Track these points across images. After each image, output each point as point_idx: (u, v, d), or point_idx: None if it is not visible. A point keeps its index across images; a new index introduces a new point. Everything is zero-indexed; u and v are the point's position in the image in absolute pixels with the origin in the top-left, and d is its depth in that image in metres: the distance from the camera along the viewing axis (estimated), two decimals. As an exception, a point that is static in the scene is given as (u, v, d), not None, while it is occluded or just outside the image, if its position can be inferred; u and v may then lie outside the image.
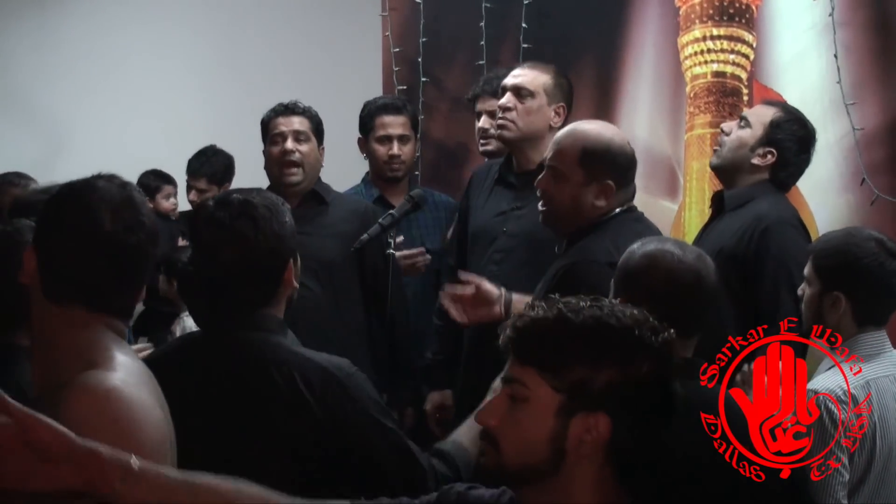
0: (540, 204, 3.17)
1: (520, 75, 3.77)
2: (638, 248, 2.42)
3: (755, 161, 3.43)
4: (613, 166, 3.04)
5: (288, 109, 3.94)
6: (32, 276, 1.93)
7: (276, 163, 3.90)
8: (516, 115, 3.71)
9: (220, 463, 2.23)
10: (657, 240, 2.46)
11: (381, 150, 4.22)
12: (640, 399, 1.72)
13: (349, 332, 3.74)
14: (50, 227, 1.96)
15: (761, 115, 3.47)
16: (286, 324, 2.42)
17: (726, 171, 3.50)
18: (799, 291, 2.86)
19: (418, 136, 4.42)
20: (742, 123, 3.48)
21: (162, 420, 1.84)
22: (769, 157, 3.42)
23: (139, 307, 5.41)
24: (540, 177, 3.15)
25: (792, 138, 3.43)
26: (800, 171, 3.52)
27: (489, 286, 3.25)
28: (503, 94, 3.77)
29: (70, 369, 1.81)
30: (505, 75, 3.97)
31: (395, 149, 4.22)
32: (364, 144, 4.31)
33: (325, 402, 2.28)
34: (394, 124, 4.23)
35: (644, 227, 3.08)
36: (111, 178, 1.97)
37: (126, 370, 1.83)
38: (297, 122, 3.92)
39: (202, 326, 2.89)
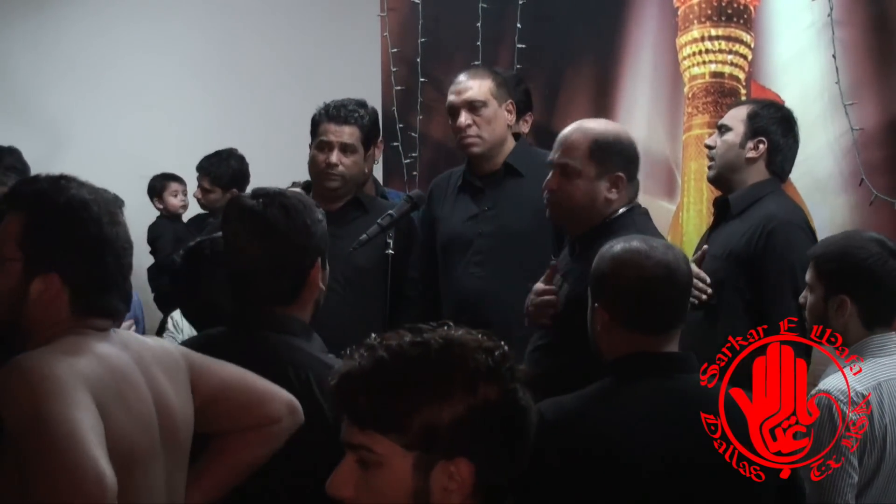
0: (548, 203, 3.16)
1: (466, 89, 3.75)
2: (606, 250, 2.43)
3: (750, 155, 3.43)
4: (623, 157, 3.07)
5: (340, 118, 3.80)
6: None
7: (318, 170, 3.82)
8: (478, 129, 3.72)
9: None
10: (623, 240, 2.44)
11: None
12: (494, 428, 1.58)
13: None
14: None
15: (736, 115, 3.50)
16: (312, 328, 2.40)
17: (724, 177, 3.50)
18: (801, 298, 2.86)
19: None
20: (722, 131, 3.50)
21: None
22: (761, 146, 3.43)
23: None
24: (548, 178, 3.14)
25: (773, 121, 3.45)
26: (792, 154, 3.50)
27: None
28: (454, 113, 3.76)
29: None
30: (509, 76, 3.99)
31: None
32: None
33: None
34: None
35: (652, 227, 3.12)
36: (81, 183, 2.00)
37: (61, 352, 1.84)
38: (347, 134, 3.79)
39: (197, 324, 2.88)
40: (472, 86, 3.74)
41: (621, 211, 3.06)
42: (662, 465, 2.23)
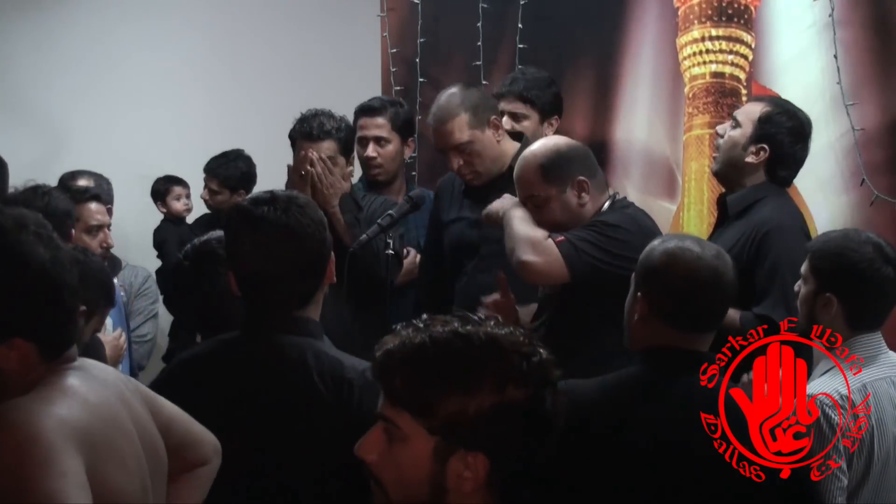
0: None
1: (445, 134, 3.72)
2: (658, 244, 2.46)
3: (749, 160, 3.35)
4: (573, 164, 3.16)
5: (311, 135, 3.81)
6: None
7: (300, 189, 3.78)
8: (472, 166, 3.73)
9: (260, 467, 2.25)
10: (677, 237, 2.51)
11: (360, 151, 4.15)
12: (516, 430, 1.66)
13: (362, 334, 3.70)
14: None
15: (750, 113, 3.40)
16: (322, 328, 2.41)
17: (726, 174, 3.46)
18: (796, 287, 2.86)
19: (409, 138, 4.30)
20: (733, 124, 3.43)
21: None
22: (762, 153, 3.34)
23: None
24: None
25: (783, 130, 3.34)
26: (798, 164, 3.41)
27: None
28: (443, 152, 3.77)
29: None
30: (529, 77, 4.01)
31: (370, 150, 4.16)
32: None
33: (360, 408, 2.24)
34: (369, 126, 4.16)
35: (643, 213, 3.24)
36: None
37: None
38: (325, 149, 3.82)
39: (201, 327, 2.87)
40: (450, 130, 3.70)
41: (605, 207, 3.16)
42: (691, 460, 2.24)
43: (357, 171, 4.42)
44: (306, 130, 3.84)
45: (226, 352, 2.41)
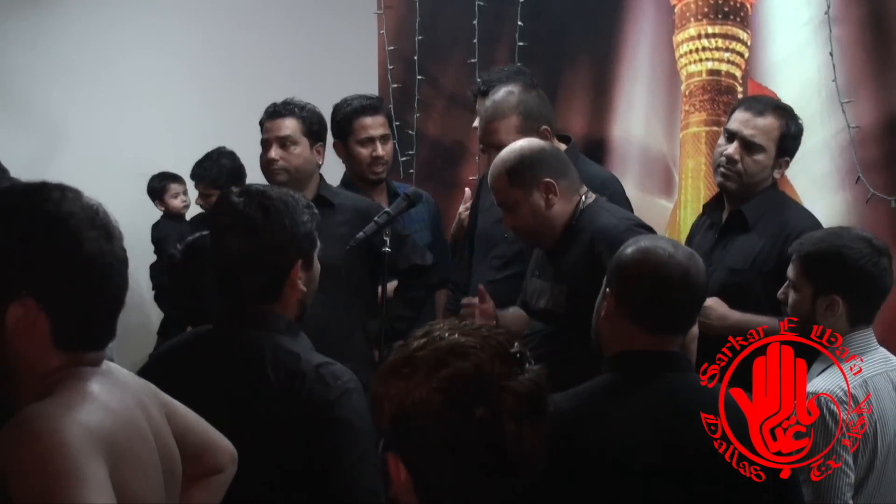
0: (518, 237, 3.40)
1: (493, 130, 3.65)
2: (632, 242, 2.46)
3: (776, 176, 3.48)
4: (537, 166, 3.18)
5: (276, 113, 3.89)
6: None
7: (263, 169, 3.92)
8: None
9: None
10: (651, 237, 2.50)
11: (363, 152, 4.18)
12: (422, 436, 1.50)
13: (348, 335, 3.71)
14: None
15: (769, 134, 3.43)
16: (298, 326, 2.41)
17: (743, 191, 3.48)
18: (780, 295, 2.86)
19: (395, 135, 4.36)
20: (753, 149, 3.43)
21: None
22: (784, 165, 3.47)
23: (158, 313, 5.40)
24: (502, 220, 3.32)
25: (797, 137, 3.48)
26: None
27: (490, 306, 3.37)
28: (488, 151, 3.68)
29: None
30: (514, 72, 4.00)
31: (380, 149, 4.19)
32: (342, 148, 4.25)
33: (309, 400, 2.26)
34: (374, 125, 4.18)
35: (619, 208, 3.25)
36: (65, 193, 1.78)
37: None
38: (286, 126, 3.86)
39: (192, 321, 2.89)
40: (497, 128, 3.66)
41: (581, 208, 3.19)
42: (670, 465, 2.23)
43: (333, 170, 4.40)
44: (269, 110, 3.93)
45: (194, 345, 2.47)
